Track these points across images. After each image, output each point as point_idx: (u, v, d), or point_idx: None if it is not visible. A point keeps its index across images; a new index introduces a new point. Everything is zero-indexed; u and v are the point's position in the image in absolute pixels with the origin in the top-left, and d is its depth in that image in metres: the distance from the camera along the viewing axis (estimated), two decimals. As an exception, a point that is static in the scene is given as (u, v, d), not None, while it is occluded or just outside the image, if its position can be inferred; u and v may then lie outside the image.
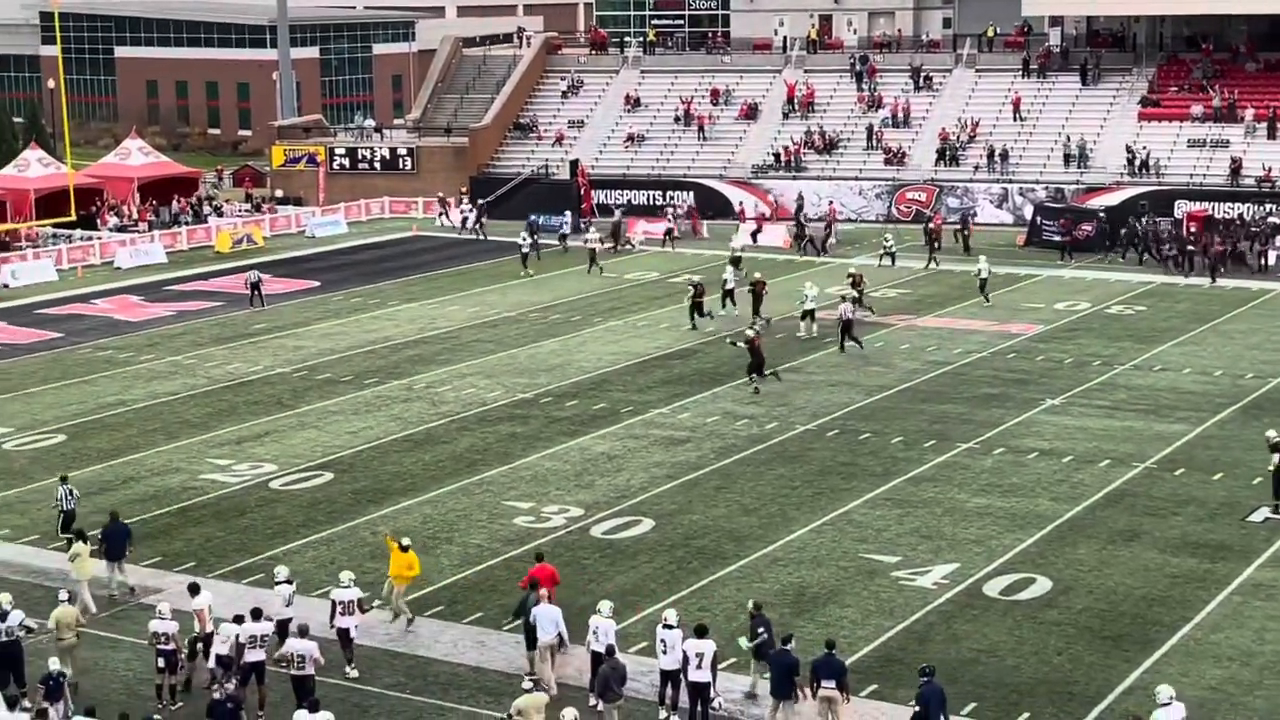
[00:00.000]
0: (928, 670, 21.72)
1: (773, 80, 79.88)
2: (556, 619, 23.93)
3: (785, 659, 22.43)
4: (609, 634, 23.28)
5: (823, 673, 22.13)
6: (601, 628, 23.40)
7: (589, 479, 34.42)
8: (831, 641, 22.90)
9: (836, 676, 22.12)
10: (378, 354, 46.92)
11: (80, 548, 27.22)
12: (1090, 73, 74.67)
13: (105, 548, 27.94)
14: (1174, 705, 20.50)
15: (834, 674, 22.13)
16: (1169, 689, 20.85)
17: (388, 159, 79.30)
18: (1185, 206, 64.80)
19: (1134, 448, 36.13)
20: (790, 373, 43.67)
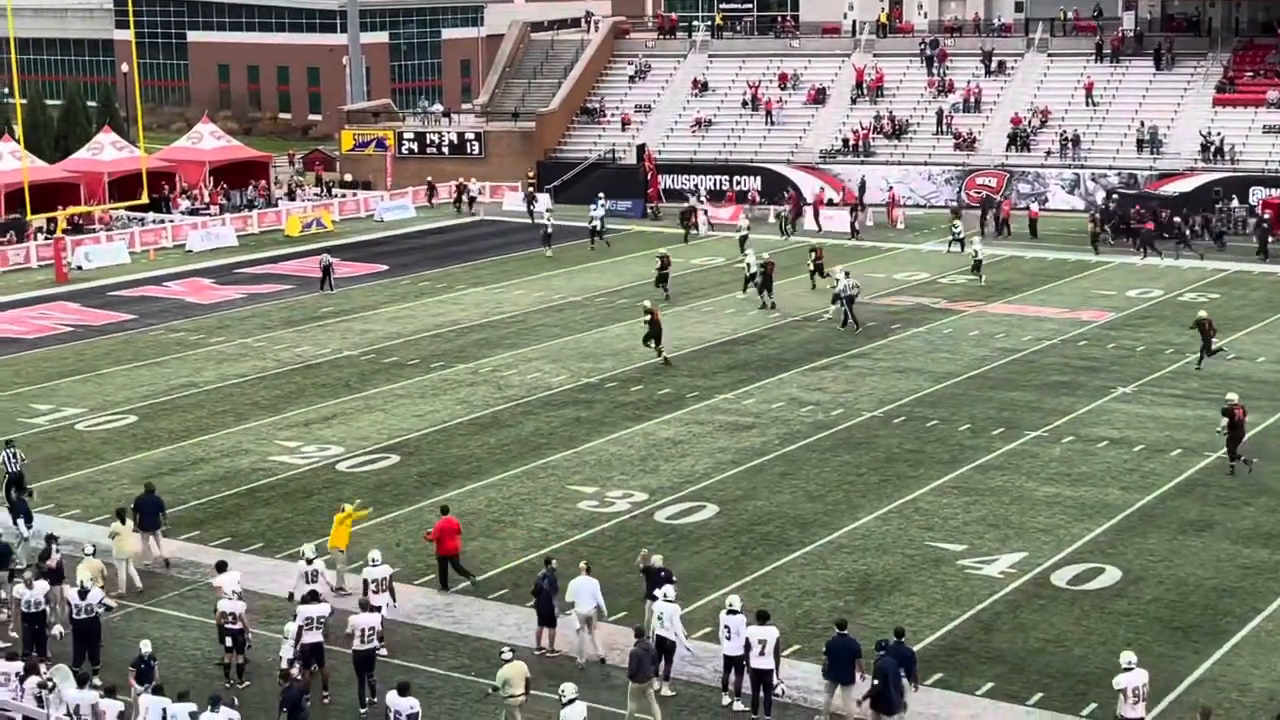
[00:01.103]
0: (884, 644, 21.97)
1: (841, 64, 79.40)
2: (594, 591, 24.32)
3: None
4: (675, 619, 23.35)
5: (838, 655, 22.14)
6: (667, 613, 23.44)
7: (653, 464, 34.39)
8: (843, 622, 22.89)
9: (851, 659, 22.10)
10: (444, 338, 47.09)
11: (119, 526, 27.56)
12: (1164, 57, 73.70)
13: (139, 519, 28.31)
14: (1135, 670, 21.01)
15: (849, 657, 22.11)
16: (1131, 655, 21.28)
17: (455, 144, 79.51)
18: (1261, 192, 63.90)
19: (1206, 437, 35.65)
20: (857, 359, 43.47)
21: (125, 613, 26.23)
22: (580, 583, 24.42)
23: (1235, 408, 33.33)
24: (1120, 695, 20.95)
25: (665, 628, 23.41)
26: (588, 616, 24.33)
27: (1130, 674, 21.00)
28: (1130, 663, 21.13)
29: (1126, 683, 20.93)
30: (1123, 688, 20.92)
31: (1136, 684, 20.99)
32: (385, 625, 24.09)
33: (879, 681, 21.50)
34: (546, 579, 24.81)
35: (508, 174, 76.87)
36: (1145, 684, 21.11)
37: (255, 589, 26.76)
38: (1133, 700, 20.92)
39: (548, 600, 24.67)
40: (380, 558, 25.54)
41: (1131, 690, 20.91)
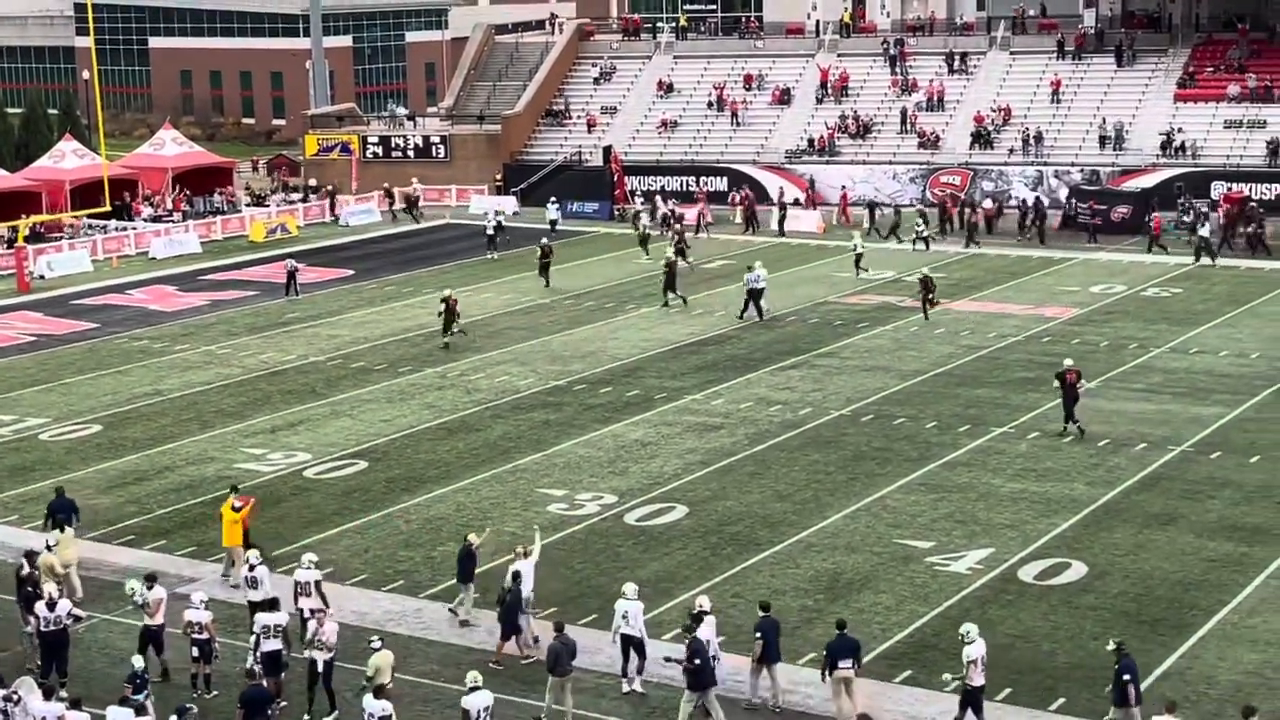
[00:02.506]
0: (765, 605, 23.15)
1: (806, 65, 79.59)
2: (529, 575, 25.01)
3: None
4: (639, 617, 23.45)
5: (839, 654, 22.26)
6: (632, 610, 23.54)
7: (623, 466, 34.41)
8: (843, 621, 22.99)
9: (852, 655, 22.31)
10: (411, 342, 47.00)
11: (58, 535, 27.44)
12: (1125, 54, 74.12)
13: (51, 521, 28.21)
14: (978, 641, 21.77)
15: (850, 653, 22.31)
16: (974, 626, 22.09)
17: (421, 147, 79.35)
18: (1222, 188, 64.34)
19: (1170, 431, 35.90)
20: (824, 358, 43.60)
21: (90, 624, 26.07)
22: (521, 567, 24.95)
23: (1068, 372, 35.63)
24: (970, 666, 21.55)
25: (630, 626, 23.52)
26: (528, 598, 24.87)
27: (974, 645, 21.66)
28: (970, 633, 21.82)
29: (974, 654, 21.59)
30: (972, 659, 21.57)
31: (980, 654, 21.62)
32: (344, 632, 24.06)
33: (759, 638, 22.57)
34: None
35: (474, 177, 76.78)
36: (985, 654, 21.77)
37: (223, 598, 26.65)
38: (980, 669, 21.59)
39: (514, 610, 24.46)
40: (312, 562, 25.33)
41: (980, 659, 21.58)
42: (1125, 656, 21.46)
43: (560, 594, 26.89)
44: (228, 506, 28.21)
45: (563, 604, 26.25)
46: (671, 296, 50.73)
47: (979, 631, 22.05)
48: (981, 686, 21.72)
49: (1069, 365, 36.36)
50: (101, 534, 30.56)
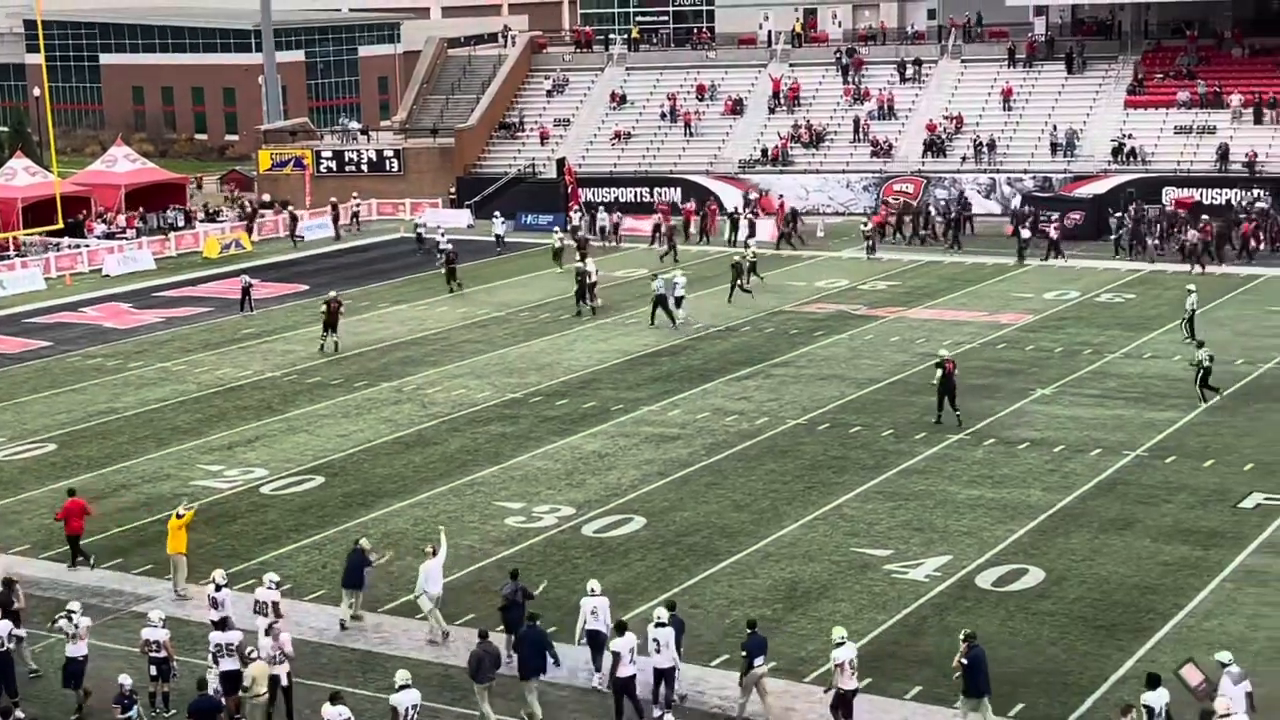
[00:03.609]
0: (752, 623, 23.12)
1: (758, 75, 79.86)
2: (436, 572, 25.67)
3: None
4: (606, 612, 23.91)
5: (757, 652, 22.56)
6: (600, 606, 23.95)
7: (580, 478, 34.38)
8: (753, 621, 23.32)
9: (764, 653, 22.64)
10: (367, 356, 46.85)
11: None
12: (1076, 61, 74.67)
13: None
14: (847, 645, 22.07)
15: (763, 651, 22.64)
16: (842, 630, 22.46)
17: (374, 161, 79.19)
18: (1173, 193, 64.86)
19: (1125, 436, 36.15)
20: (780, 367, 43.71)
21: (46, 643, 25.83)
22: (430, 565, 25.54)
23: (947, 362, 37.33)
24: (837, 669, 21.76)
25: (598, 621, 23.87)
26: (437, 596, 25.43)
27: (843, 648, 21.89)
28: (842, 637, 22.10)
29: (841, 656, 21.82)
30: (839, 661, 21.78)
31: (849, 657, 21.86)
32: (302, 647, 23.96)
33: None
34: (519, 591, 24.86)
35: (428, 190, 76.66)
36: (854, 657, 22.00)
37: (180, 616, 26.48)
38: (850, 673, 21.82)
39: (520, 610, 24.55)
40: (274, 582, 25.29)
41: (849, 662, 21.82)
42: (975, 647, 21.82)
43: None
44: (173, 515, 28.22)
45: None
46: (589, 304, 51.26)
47: (847, 634, 22.35)
48: (854, 690, 21.93)
49: (946, 356, 37.93)
50: (57, 554, 30.30)
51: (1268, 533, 29.67)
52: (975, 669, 21.58)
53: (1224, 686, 20.84)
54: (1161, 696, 20.53)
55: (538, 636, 23.13)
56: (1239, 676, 20.95)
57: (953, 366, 37.56)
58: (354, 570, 26.45)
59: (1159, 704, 20.40)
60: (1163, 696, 20.55)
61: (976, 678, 21.55)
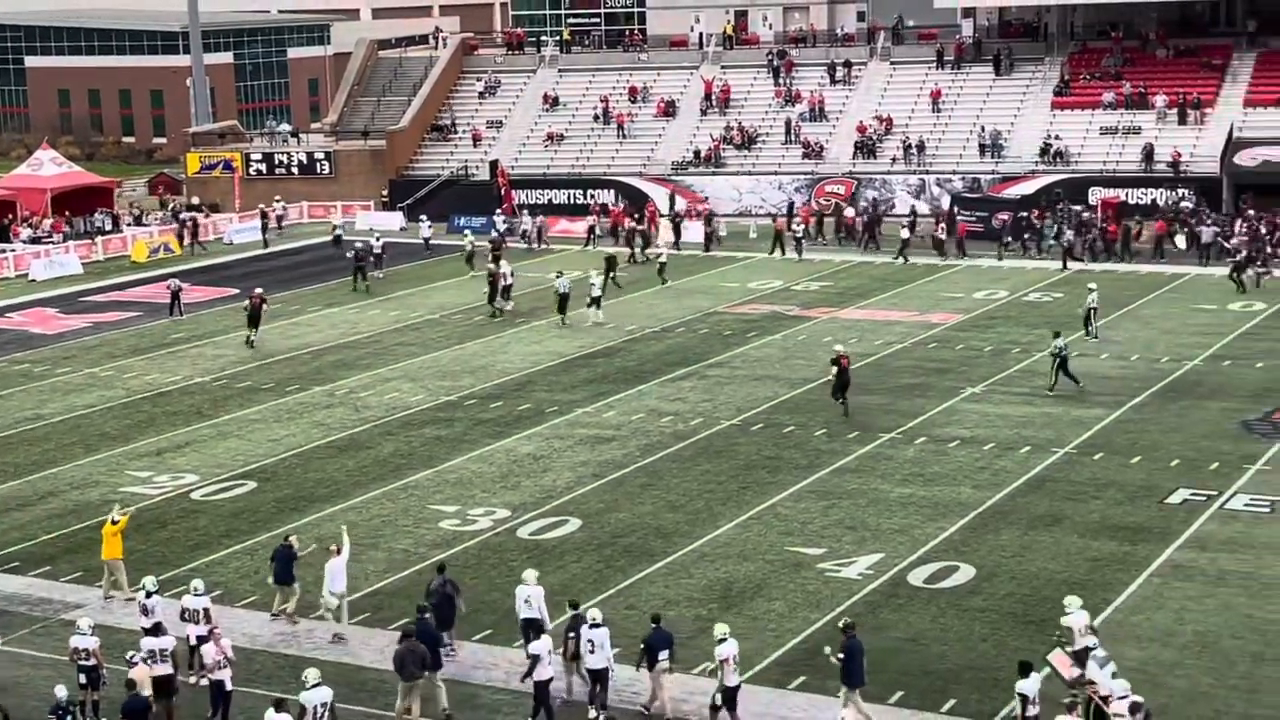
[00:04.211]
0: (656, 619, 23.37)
1: (690, 77, 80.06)
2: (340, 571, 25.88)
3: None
4: (541, 600, 24.33)
5: (659, 646, 22.80)
6: (534, 595, 24.34)
7: (515, 480, 34.35)
8: (657, 616, 23.56)
9: (669, 648, 22.85)
10: (299, 360, 46.58)
11: None
12: (1003, 63, 75.35)
13: None
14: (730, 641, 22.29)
15: (667, 645, 22.85)
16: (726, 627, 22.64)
17: (305, 163, 78.76)
18: (1100, 193, 65.59)
19: (1053, 433, 36.53)
20: (715, 368, 43.85)
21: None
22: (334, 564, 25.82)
23: (841, 358, 38.85)
24: (721, 665, 22.01)
25: (532, 609, 24.20)
26: (342, 594, 25.73)
27: (726, 644, 22.08)
28: (724, 634, 22.23)
29: (726, 653, 22.04)
30: (723, 657, 22.02)
31: (732, 653, 22.10)
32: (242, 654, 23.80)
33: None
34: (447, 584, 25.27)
35: (359, 193, 76.33)
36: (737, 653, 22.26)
37: (110, 624, 26.23)
38: (733, 669, 22.08)
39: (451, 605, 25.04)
40: (202, 587, 25.18)
41: (732, 658, 22.06)
42: (853, 638, 22.29)
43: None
44: (108, 521, 28.01)
45: (457, 620, 26.07)
46: (496, 306, 51.68)
47: (731, 631, 22.55)
48: (737, 686, 22.19)
49: (841, 351, 39.39)
50: (-17, 563, 29.96)
51: (1193, 528, 30.08)
52: (852, 659, 22.12)
53: (1091, 670, 21.44)
54: (1034, 683, 21.05)
55: (430, 631, 23.45)
56: (1104, 660, 21.59)
57: (847, 362, 38.89)
58: (284, 566, 26.52)
59: (1032, 691, 20.99)
60: (1035, 683, 21.07)
61: (852, 668, 22.09)
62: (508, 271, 53.05)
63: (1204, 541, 29.37)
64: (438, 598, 25.03)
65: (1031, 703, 20.90)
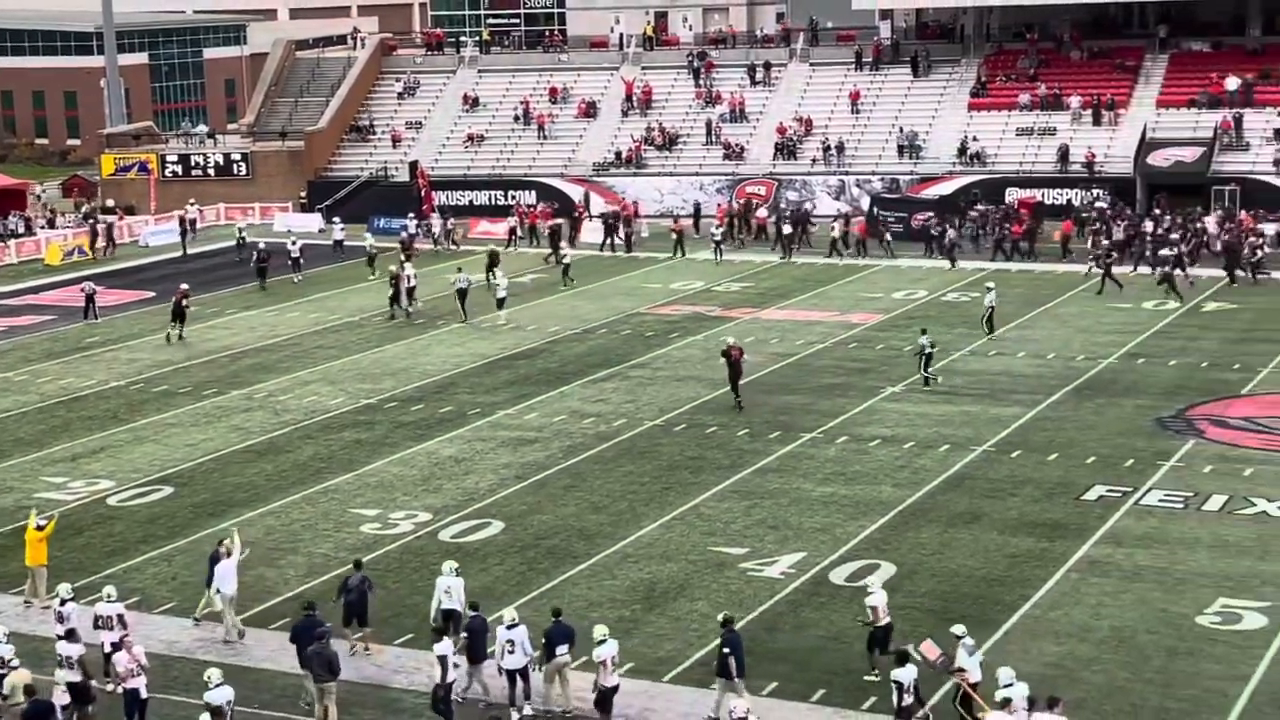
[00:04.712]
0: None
1: (610, 78, 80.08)
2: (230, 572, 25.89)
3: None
4: (461, 592, 24.66)
5: (559, 640, 22.97)
6: (454, 586, 24.63)
7: (436, 483, 34.20)
8: (558, 609, 23.83)
9: (569, 642, 23.05)
10: (217, 364, 46.13)
11: None
12: (921, 65, 75.96)
13: None
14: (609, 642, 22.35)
15: (567, 640, 23.04)
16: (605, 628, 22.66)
17: (222, 165, 78.01)
18: (1016, 193, 66.26)
19: (972, 432, 36.87)
20: (637, 369, 43.89)
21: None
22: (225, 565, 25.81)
23: (732, 349, 39.36)
24: (600, 666, 22.19)
25: (452, 600, 24.43)
26: (231, 596, 25.74)
27: (605, 645, 22.30)
28: (604, 635, 22.46)
29: (604, 654, 22.23)
30: (602, 659, 22.22)
31: (610, 654, 22.32)
32: (152, 660, 23.53)
33: None
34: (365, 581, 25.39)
35: (277, 194, 75.71)
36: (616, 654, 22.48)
37: (25, 631, 25.83)
38: (611, 669, 22.31)
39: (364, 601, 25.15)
40: (116, 594, 24.92)
41: (610, 660, 22.29)
42: (731, 632, 22.63)
43: (374, 614, 26.54)
44: (31, 527, 27.61)
45: (378, 624, 25.96)
46: (397, 309, 51.65)
47: (610, 633, 22.69)
48: (615, 687, 22.37)
49: (731, 342, 39.94)
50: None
51: (1109, 524, 30.46)
52: (731, 652, 22.44)
53: (961, 658, 21.87)
54: (910, 673, 21.42)
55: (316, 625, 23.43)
56: (972, 648, 22.08)
57: (738, 354, 39.36)
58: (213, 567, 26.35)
59: (908, 679, 21.39)
60: (911, 673, 21.43)
61: (728, 661, 22.41)
62: (410, 274, 52.78)
63: (1119, 537, 29.75)
64: (355, 594, 25.09)
65: (907, 691, 21.33)
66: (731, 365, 39.22)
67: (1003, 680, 21.20)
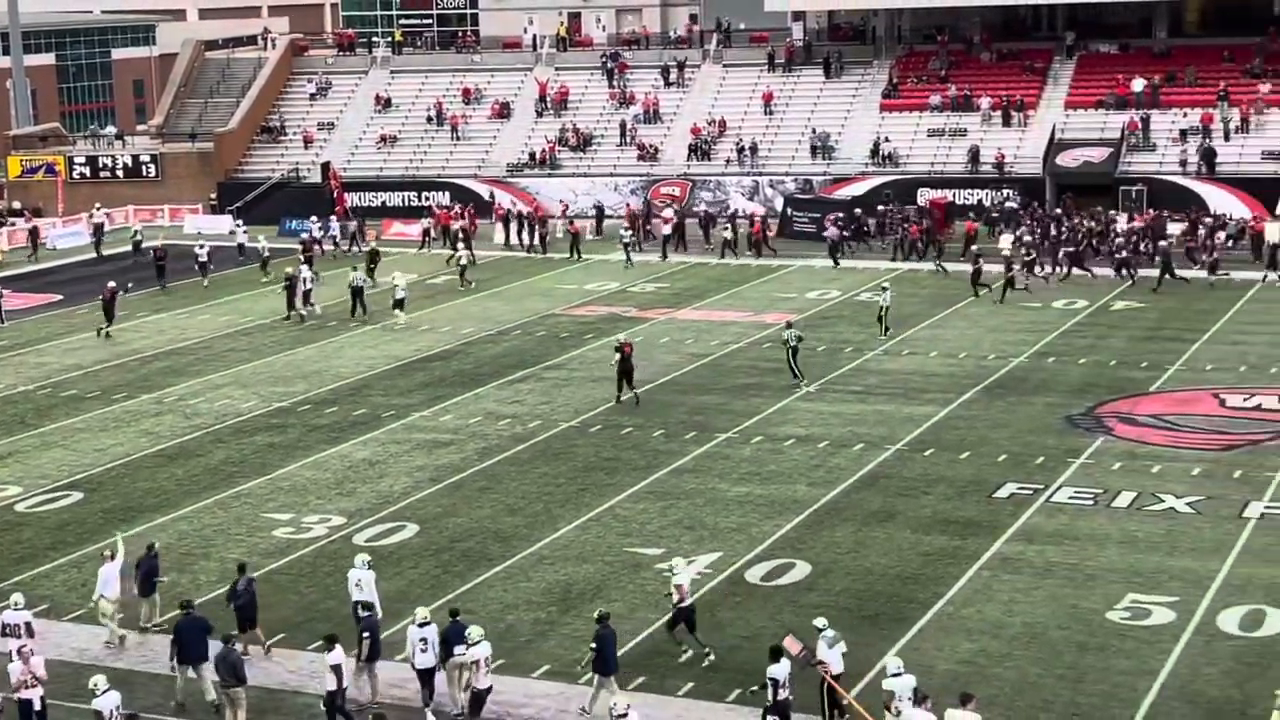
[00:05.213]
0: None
1: (524, 79, 79.90)
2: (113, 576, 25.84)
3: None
4: (371, 584, 24.85)
5: (455, 640, 22.99)
6: (364, 579, 24.87)
7: (350, 486, 33.96)
8: (455, 610, 24.00)
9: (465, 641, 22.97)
10: (126, 367, 45.54)
11: None
12: (833, 66, 76.42)
13: None
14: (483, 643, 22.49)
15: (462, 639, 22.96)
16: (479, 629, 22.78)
17: (131, 167, 77.03)
18: (928, 194, 66.86)
19: (886, 431, 37.14)
20: (552, 370, 43.82)
21: None
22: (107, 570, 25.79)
23: (624, 345, 40.16)
24: (473, 667, 22.37)
25: (364, 593, 24.60)
26: (116, 600, 25.72)
27: (479, 646, 22.46)
28: (480, 636, 22.59)
29: (477, 654, 22.37)
30: (475, 659, 22.37)
31: (485, 655, 22.50)
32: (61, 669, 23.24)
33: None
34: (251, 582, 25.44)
35: (188, 196, 74.89)
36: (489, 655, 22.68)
37: (-71, 642, 25.36)
38: (484, 670, 22.46)
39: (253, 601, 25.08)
40: (23, 601, 24.62)
41: (484, 661, 22.47)
42: (606, 628, 22.94)
43: (288, 619, 26.41)
44: None
45: (291, 629, 25.76)
46: (296, 311, 51.37)
47: (484, 633, 22.83)
48: (488, 689, 22.51)
49: (623, 340, 41.07)
50: None
51: (1021, 521, 30.78)
52: (603, 649, 22.75)
53: (821, 650, 22.30)
54: (784, 668, 21.70)
55: (197, 622, 23.51)
56: (833, 640, 22.53)
57: (630, 349, 40.11)
58: (146, 576, 26.16)
59: (782, 675, 21.68)
60: (785, 668, 21.71)
61: (599, 657, 22.73)
62: (308, 276, 52.39)
63: (1031, 534, 30.08)
64: (245, 597, 24.98)
65: (782, 686, 21.58)
66: (623, 360, 39.65)
67: (890, 670, 21.57)
